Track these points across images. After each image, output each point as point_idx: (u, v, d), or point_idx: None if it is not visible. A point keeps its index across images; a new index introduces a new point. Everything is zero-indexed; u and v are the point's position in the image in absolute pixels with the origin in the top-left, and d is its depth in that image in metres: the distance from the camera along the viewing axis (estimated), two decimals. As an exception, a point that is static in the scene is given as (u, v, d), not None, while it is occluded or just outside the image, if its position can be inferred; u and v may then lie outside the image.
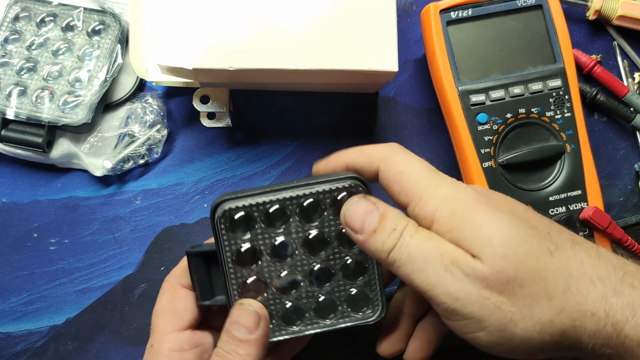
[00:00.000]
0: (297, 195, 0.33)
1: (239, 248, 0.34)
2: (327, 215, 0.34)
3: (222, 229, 0.34)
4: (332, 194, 0.33)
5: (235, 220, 0.33)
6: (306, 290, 0.35)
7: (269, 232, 0.34)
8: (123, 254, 0.47)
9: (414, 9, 0.53)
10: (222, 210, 0.33)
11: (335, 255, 0.35)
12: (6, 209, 0.47)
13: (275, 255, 0.35)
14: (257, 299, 0.35)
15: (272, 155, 0.50)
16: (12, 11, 0.47)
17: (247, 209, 0.33)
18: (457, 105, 0.44)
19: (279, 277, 0.35)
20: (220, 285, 0.36)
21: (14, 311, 0.46)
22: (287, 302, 0.35)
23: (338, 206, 0.33)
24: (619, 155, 0.51)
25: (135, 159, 0.48)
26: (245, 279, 0.35)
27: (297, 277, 0.35)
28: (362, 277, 0.35)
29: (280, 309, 0.35)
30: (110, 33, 0.48)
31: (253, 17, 0.41)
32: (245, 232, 0.34)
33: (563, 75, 0.45)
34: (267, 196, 0.33)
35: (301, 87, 0.49)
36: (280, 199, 0.33)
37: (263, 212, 0.34)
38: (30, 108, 0.45)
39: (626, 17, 0.50)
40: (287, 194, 0.33)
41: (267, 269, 0.35)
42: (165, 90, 0.50)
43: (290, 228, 0.34)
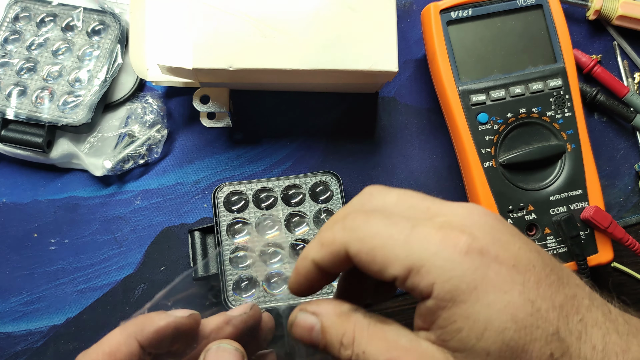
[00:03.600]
0: (281, 182, 0.45)
1: (232, 221, 0.44)
2: (306, 202, 0.45)
3: (218, 204, 0.44)
4: (309, 183, 0.45)
5: (230, 198, 0.45)
6: (287, 260, 0.44)
7: (258, 211, 0.45)
8: (123, 254, 0.47)
9: (414, 9, 0.53)
10: (220, 190, 0.45)
11: (311, 233, 0.45)
12: (6, 209, 0.47)
13: (261, 230, 0.44)
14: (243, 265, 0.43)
15: (272, 155, 0.50)
16: (12, 11, 0.47)
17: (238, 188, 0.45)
18: (457, 105, 0.44)
19: (263, 247, 0.44)
20: (213, 263, 0.44)
21: (14, 311, 0.46)
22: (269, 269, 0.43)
23: (315, 195, 0.46)
24: (619, 155, 0.51)
25: (135, 159, 0.48)
26: (235, 246, 0.44)
27: (278, 248, 0.44)
28: None
29: (264, 274, 0.43)
30: (110, 33, 0.47)
31: (253, 17, 0.41)
32: (238, 210, 0.45)
33: (563, 74, 0.45)
34: (257, 183, 0.45)
35: (301, 87, 0.49)
36: (268, 185, 0.45)
37: (253, 194, 0.45)
38: (30, 108, 0.45)
39: (626, 17, 0.50)
40: (273, 182, 0.45)
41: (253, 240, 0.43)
42: (165, 90, 0.50)
43: (275, 209, 0.45)
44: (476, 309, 0.23)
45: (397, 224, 0.25)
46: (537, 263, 0.25)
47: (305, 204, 0.45)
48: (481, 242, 0.24)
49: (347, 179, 0.49)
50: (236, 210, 0.45)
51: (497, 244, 0.24)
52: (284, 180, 0.45)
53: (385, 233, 0.25)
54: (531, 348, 0.23)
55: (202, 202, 0.48)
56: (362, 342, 0.25)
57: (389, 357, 0.24)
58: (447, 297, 0.23)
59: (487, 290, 0.23)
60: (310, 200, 0.45)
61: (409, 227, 0.24)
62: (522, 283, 0.24)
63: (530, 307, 0.23)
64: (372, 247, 0.25)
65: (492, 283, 0.23)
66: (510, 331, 0.23)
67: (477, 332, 0.23)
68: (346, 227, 0.26)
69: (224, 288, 0.43)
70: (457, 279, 0.23)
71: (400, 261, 0.24)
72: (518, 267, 0.24)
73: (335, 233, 0.26)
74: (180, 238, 0.48)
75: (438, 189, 0.50)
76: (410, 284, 0.24)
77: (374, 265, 0.25)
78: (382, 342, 0.25)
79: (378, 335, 0.25)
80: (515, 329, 0.23)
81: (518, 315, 0.23)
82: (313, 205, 0.45)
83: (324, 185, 0.46)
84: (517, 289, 0.23)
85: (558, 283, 0.25)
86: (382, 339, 0.25)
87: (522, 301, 0.23)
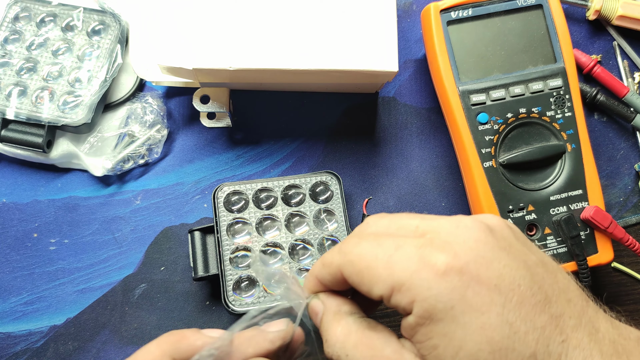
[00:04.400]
0: (281, 182, 0.45)
1: (232, 222, 0.44)
2: (306, 202, 0.45)
3: (218, 204, 0.44)
4: (309, 183, 0.45)
5: (230, 198, 0.45)
6: (287, 260, 0.44)
7: (258, 211, 0.44)
8: (123, 254, 0.47)
9: (414, 9, 0.53)
10: (220, 190, 0.44)
11: (311, 233, 0.44)
12: (6, 209, 0.47)
13: (261, 230, 0.44)
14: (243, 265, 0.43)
15: (272, 155, 0.50)
16: (12, 11, 0.47)
17: (238, 188, 0.45)
18: (457, 105, 0.44)
19: (263, 247, 0.44)
20: (213, 263, 0.44)
21: (14, 311, 0.46)
22: None
23: (315, 195, 0.46)
24: (619, 155, 0.51)
25: (135, 159, 0.48)
26: (235, 246, 0.43)
27: (278, 248, 0.44)
28: None
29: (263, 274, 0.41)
30: (110, 33, 0.47)
31: (253, 17, 0.41)
32: (238, 210, 0.44)
33: (563, 74, 0.45)
34: (257, 183, 0.45)
35: (301, 87, 0.49)
36: (268, 185, 0.45)
37: (253, 194, 0.45)
38: (30, 108, 0.45)
39: (626, 17, 0.50)
40: (273, 182, 0.45)
41: (253, 240, 0.43)
42: (165, 90, 0.50)
43: (275, 209, 0.45)
44: (452, 329, 0.24)
45: (383, 245, 0.26)
46: (524, 282, 0.25)
47: (305, 204, 0.45)
48: (461, 260, 0.24)
49: (347, 179, 0.49)
50: (236, 210, 0.45)
51: (479, 261, 0.24)
52: (284, 180, 0.45)
53: (370, 255, 0.26)
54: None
55: (202, 202, 0.48)
56: (346, 345, 0.27)
57: None
58: (425, 314, 0.24)
59: (464, 311, 0.23)
60: (310, 200, 0.45)
61: (392, 248, 0.25)
62: (502, 304, 0.24)
63: (507, 330, 0.23)
64: (360, 269, 0.26)
65: (469, 303, 0.24)
66: (484, 353, 0.23)
67: (452, 351, 0.24)
68: (341, 250, 0.28)
69: (224, 288, 0.43)
70: (434, 299, 0.24)
71: (383, 281, 0.25)
72: (500, 287, 0.24)
73: (333, 256, 0.28)
74: (180, 238, 0.48)
75: (438, 189, 0.50)
76: (394, 301, 0.25)
77: (363, 285, 0.26)
78: (367, 349, 0.26)
79: (364, 342, 0.27)
80: (489, 350, 0.23)
81: (494, 337, 0.23)
82: (313, 205, 0.45)
83: (324, 185, 0.46)
84: (496, 310, 0.23)
85: (544, 302, 0.24)
86: (368, 346, 0.26)
87: (499, 323, 0.23)
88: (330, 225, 0.46)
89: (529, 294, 0.24)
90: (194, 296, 0.47)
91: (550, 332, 0.24)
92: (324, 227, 0.45)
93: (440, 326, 0.24)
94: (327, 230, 0.45)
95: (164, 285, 0.47)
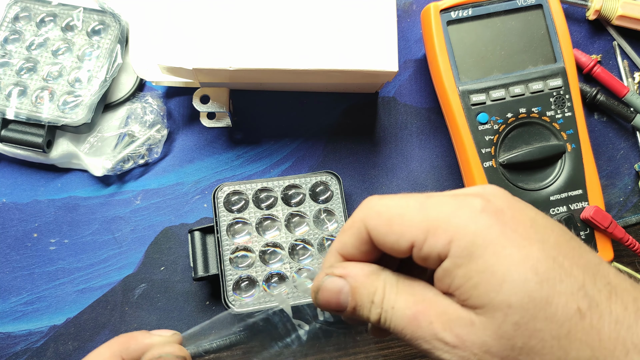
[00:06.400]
0: (281, 182, 0.45)
1: (232, 222, 0.44)
2: (306, 202, 0.45)
3: (218, 204, 0.44)
4: (309, 183, 0.45)
5: (230, 198, 0.45)
6: (287, 260, 0.44)
7: (258, 211, 0.44)
8: (123, 254, 0.47)
9: (414, 9, 0.53)
10: (220, 190, 0.44)
11: (310, 233, 0.44)
12: (6, 209, 0.47)
13: (261, 230, 0.44)
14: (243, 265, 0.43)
15: (272, 155, 0.49)
16: (12, 11, 0.47)
17: (238, 188, 0.45)
18: (457, 105, 0.44)
19: (263, 247, 0.44)
20: (213, 263, 0.44)
21: (14, 311, 0.46)
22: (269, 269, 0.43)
23: (315, 195, 0.46)
24: (619, 155, 0.51)
25: (135, 159, 0.48)
26: (235, 246, 0.43)
27: (278, 248, 0.44)
28: None
29: (264, 274, 0.43)
30: (110, 33, 0.47)
31: (253, 17, 0.41)
32: (238, 210, 0.44)
33: (563, 74, 0.45)
34: (257, 183, 0.45)
35: (301, 87, 0.49)
36: (268, 185, 0.45)
37: (253, 194, 0.45)
38: (30, 108, 0.45)
39: (626, 17, 0.50)
40: (273, 182, 0.45)
41: (253, 240, 0.43)
42: (165, 90, 0.50)
43: (275, 209, 0.45)
44: (493, 263, 0.23)
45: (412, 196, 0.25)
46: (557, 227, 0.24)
47: (305, 204, 0.45)
48: (497, 204, 0.24)
49: (347, 179, 0.49)
50: (236, 210, 0.45)
51: (513, 207, 0.24)
52: (284, 180, 0.45)
53: (401, 203, 0.25)
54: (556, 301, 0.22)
55: (202, 202, 0.48)
56: (391, 297, 0.26)
57: (415, 311, 0.25)
58: (463, 254, 0.23)
59: (504, 245, 0.23)
60: (310, 200, 0.45)
61: (424, 197, 0.25)
62: (542, 241, 0.23)
63: (552, 262, 0.23)
64: (389, 217, 0.25)
65: (509, 238, 0.23)
66: (531, 282, 0.22)
67: (495, 285, 0.22)
68: (363, 206, 0.27)
69: (224, 288, 0.43)
70: (473, 235, 0.23)
71: (417, 225, 0.24)
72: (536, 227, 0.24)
73: (354, 216, 0.27)
74: (180, 238, 0.48)
75: (438, 189, 0.50)
76: (427, 248, 0.24)
77: (391, 235, 0.25)
78: (410, 296, 0.25)
79: (406, 290, 0.26)
80: (536, 280, 0.22)
81: (539, 267, 0.22)
82: (313, 205, 0.45)
83: (324, 185, 0.46)
84: (536, 246, 0.23)
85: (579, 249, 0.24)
86: (410, 294, 0.26)
87: (542, 256, 0.23)
88: (330, 225, 0.46)
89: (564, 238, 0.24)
90: (194, 296, 0.47)
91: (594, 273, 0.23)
92: (324, 227, 0.45)
93: (481, 263, 0.23)
94: (327, 230, 0.45)
95: (164, 285, 0.47)
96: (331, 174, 0.46)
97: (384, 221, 0.25)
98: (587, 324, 0.22)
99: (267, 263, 0.44)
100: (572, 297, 0.22)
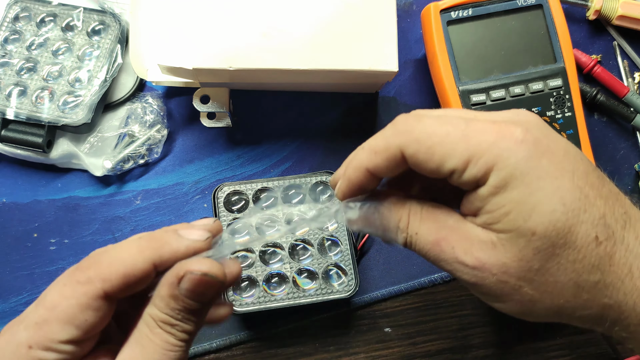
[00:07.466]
0: (281, 182, 0.45)
1: (231, 221, 0.44)
2: (306, 202, 0.45)
3: (218, 204, 0.44)
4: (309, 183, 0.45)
5: (230, 198, 0.45)
6: (287, 260, 0.44)
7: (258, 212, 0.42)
8: (123, 254, 0.47)
9: (414, 9, 0.53)
10: (220, 190, 0.45)
11: (311, 233, 0.44)
12: (6, 209, 0.47)
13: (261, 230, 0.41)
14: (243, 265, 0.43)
15: (272, 155, 0.49)
16: (12, 11, 0.47)
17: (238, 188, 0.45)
18: (457, 105, 0.44)
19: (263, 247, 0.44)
20: None
21: (14, 311, 0.46)
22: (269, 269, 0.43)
23: (316, 195, 0.46)
24: (619, 155, 0.51)
25: (135, 159, 0.48)
26: None
27: (278, 248, 0.44)
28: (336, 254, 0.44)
29: (264, 274, 0.43)
30: (110, 33, 0.47)
31: (253, 17, 0.41)
32: (238, 210, 0.45)
33: (563, 74, 0.45)
34: (257, 183, 0.45)
35: (301, 87, 0.49)
36: (268, 185, 0.45)
37: (253, 194, 0.45)
38: (30, 108, 0.45)
39: (626, 17, 0.50)
40: (273, 182, 0.45)
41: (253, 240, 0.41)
42: (165, 90, 0.50)
43: (275, 209, 0.44)
44: (527, 193, 0.24)
45: (451, 122, 0.26)
46: (584, 158, 0.26)
47: (305, 203, 0.45)
48: (534, 133, 0.25)
49: (347, 179, 0.49)
50: (236, 210, 0.45)
51: (548, 136, 0.26)
52: (284, 180, 0.45)
53: (441, 131, 0.26)
54: (577, 229, 0.25)
55: (202, 202, 0.48)
56: (415, 224, 0.28)
57: (438, 237, 0.27)
58: (501, 183, 0.25)
59: (540, 177, 0.25)
60: (310, 200, 0.45)
61: (464, 123, 0.26)
62: (572, 171, 0.25)
63: (579, 193, 0.25)
64: (430, 145, 0.26)
65: (544, 170, 0.25)
66: (557, 213, 0.24)
67: (525, 214, 0.24)
68: (399, 131, 0.27)
69: None
70: (512, 167, 0.25)
71: (459, 153, 0.25)
72: (568, 157, 0.26)
73: (389, 138, 0.27)
74: (180, 238, 0.47)
75: (438, 189, 0.50)
76: (468, 174, 0.25)
77: (431, 163, 0.26)
78: (432, 223, 0.27)
79: (429, 217, 0.28)
80: (563, 211, 0.24)
81: (567, 198, 0.25)
82: (313, 206, 0.45)
83: (324, 185, 0.46)
84: (567, 176, 0.25)
85: (602, 179, 0.26)
86: (433, 221, 0.27)
87: (571, 187, 0.25)
88: (331, 226, 0.46)
89: (591, 168, 0.26)
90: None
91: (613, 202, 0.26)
92: (324, 227, 0.45)
93: (515, 192, 0.25)
94: (327, 230, 0.45)
95: (164, 285, 0.47)
96: (331, 174, 0.46)
97: (425, 149, 0.26)
98: (602, 250, 0.25)
99: (267, 263, 0.44)
100: (592, 227, 0.25)
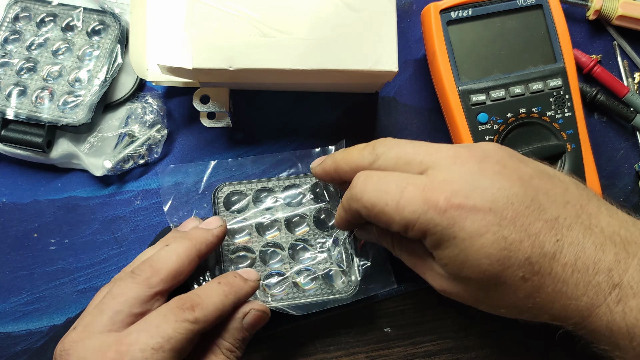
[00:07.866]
0: (281, 182, 0.45)
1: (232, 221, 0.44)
2: (306, 202, 0.45)
3: (218, 204, 0.44)
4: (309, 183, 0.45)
5: (230, 198, 0.45)
6: (287, 260, 0.44)
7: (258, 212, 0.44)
8: (123, 254, 0.47)
9: (414, 9, 0.53)
10: (220, 190, 0.44)
11: (311, 233, 0.44)
12: (6, 209, 0.47)
13: (261, 230, 0.44)
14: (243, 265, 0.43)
15: (272, 155, 0.49)
16: (12, 11, 0.47)
17: (238, 188, 0.45)
18: (457, 105, 0.44)
19: (263, 247, 0.44)
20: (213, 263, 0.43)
21: (14, 311, 0.46)
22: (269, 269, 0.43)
23: (316, 195, 0.45)
24: (619, 155, 0.51)
25: (135, 159, 0.48)
26: (235, 246, 0.44)
27: (278, 248, 0.44)
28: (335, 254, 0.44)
29: (264, 274, 0.43)
30: (110, 33, 0.48)
31: (253, 17, 0.41)
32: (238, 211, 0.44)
33: (563, 74, 0.45)
34: (257, 183, 0.45)
35: (301, 87, 0.49)
36: (268, 185, 0.45)
37: (253, 194, 0.45)
38: (30, 108, 0.45)
39: (626, 17, 0.50)
40: (273, 182, 0.45)
41: (253, 240, 0.44)
42: (165, 90, 0.50)
43: (275, 209, 0.44)
44: (456, 252, 0.30)
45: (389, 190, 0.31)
46: (516, 199, 0.29)
47: (305, 204, 0.45)
48: (459, 196, 0.30)
49: (347, 179, 0.49)
50: (236, 210, 0.45)
51: (474, 192, 0.30)
52: (284, 180, 0.45)
53: (381, 202, 0.32)
54: (504, 274, 0.29)
55: (202, 202, 0.48)
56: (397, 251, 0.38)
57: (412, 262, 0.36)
58: (434, 244, 0.31)
59: (464, 237, 0.29)
60: (310, 200, 0.45)
61: (399, 193, 0.31)
62: (498, 223, 0.29)
63: (503, 243, 0.29)
64: (375, 214, 0.32)
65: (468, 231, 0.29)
66: (484, 265, 0.29)
67: (459, 267, 0.30)
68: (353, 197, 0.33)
69: None
70: (439, 234, 0.30)
71: (397, 223, 0.31)
72: (494, 209, 0.29)
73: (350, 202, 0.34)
74: (180, 238, 0.47)
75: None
76: (410, 235, 0.32)
77: (381, 224, 0.33)
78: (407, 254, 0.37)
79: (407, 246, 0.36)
80: (488, 263, 0.29)
81: (491, 252, 0.29)
82: (313, 205, 0.45)
83: (324, 185, 0.46)
84: (492, 230, 0.29)
85: (538, 211, 0.29)
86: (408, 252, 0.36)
87: (495, 239, 0.29)
88: (331, 226, 0.46)
89: (522, 207, 0.29)
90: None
91: (545, 235, 0.29)
92: (324, 227, 0.45)
93: (447, 251, 0.30)
94: (327, 230, 0.45)
95: (164, 285, 0.47)
96: None
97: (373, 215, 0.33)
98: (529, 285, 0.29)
99: (267, 263, 0.44)
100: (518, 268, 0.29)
